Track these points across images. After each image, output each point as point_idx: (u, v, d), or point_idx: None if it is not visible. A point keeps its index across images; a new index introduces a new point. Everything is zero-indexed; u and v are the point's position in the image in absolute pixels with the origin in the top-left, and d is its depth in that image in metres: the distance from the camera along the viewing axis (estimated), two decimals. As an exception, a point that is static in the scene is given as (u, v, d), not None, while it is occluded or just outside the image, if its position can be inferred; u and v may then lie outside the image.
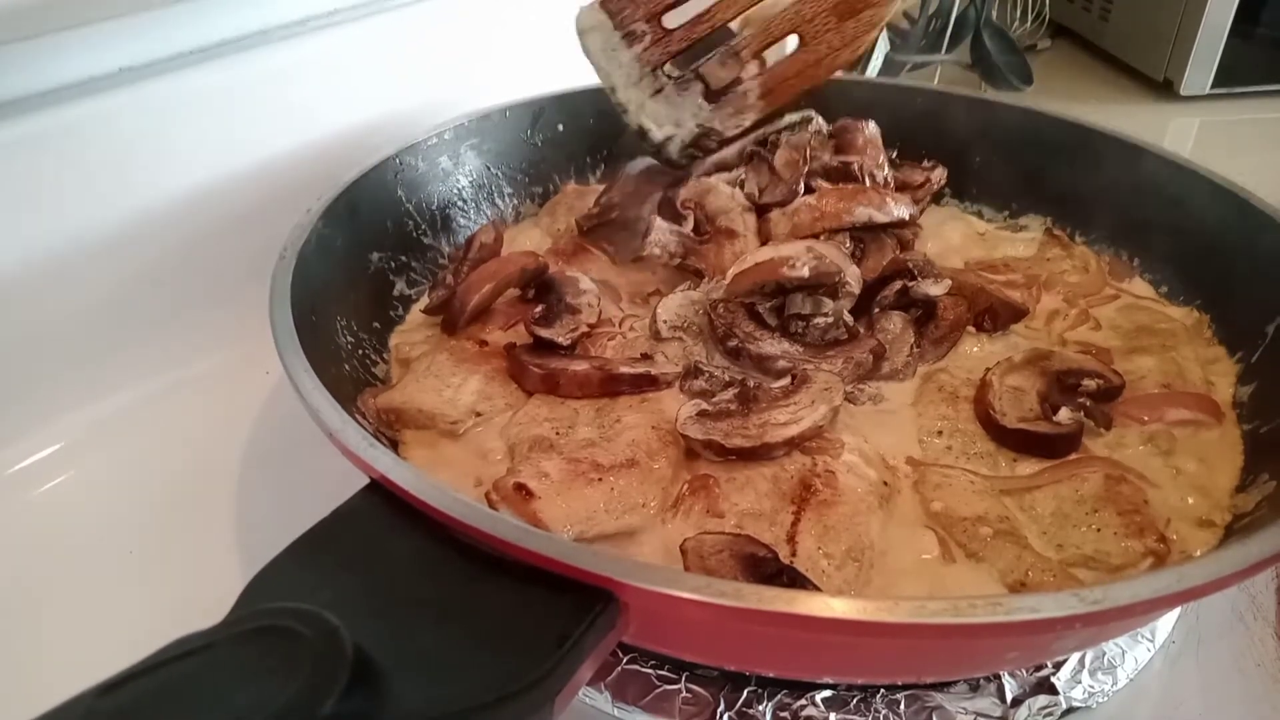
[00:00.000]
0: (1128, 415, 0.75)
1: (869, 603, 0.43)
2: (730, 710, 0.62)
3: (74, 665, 0.60)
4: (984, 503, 0.66)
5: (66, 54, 0.82)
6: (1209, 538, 0.66)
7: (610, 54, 0.90)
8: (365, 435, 0.55)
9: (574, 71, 0.93)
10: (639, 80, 0.90)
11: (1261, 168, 1.07)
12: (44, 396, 0.86)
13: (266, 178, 0.98)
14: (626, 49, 0.89)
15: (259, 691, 0.36)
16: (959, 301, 0.83)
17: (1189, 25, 1.67)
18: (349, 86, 1.05)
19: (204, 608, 0.46)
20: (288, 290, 0.68)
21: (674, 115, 0.90)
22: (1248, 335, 0.81)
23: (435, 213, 0.98)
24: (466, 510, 0.48)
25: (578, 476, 0.64)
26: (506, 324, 0.85)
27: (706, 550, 0.58)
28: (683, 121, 0.90)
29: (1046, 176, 1.04)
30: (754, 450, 0.67)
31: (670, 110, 0.90)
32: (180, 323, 0.95)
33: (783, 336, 0.77)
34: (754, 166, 0.94)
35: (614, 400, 0.75)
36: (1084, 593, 0.44)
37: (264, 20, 0.98)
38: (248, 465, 0.86)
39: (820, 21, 0.86)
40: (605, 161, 1.14)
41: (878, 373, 0.78)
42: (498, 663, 0.43)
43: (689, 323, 0.82)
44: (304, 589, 0.47)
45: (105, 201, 0.86)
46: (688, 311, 0.83)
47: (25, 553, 0.77)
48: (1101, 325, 0.88)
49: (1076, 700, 0.64)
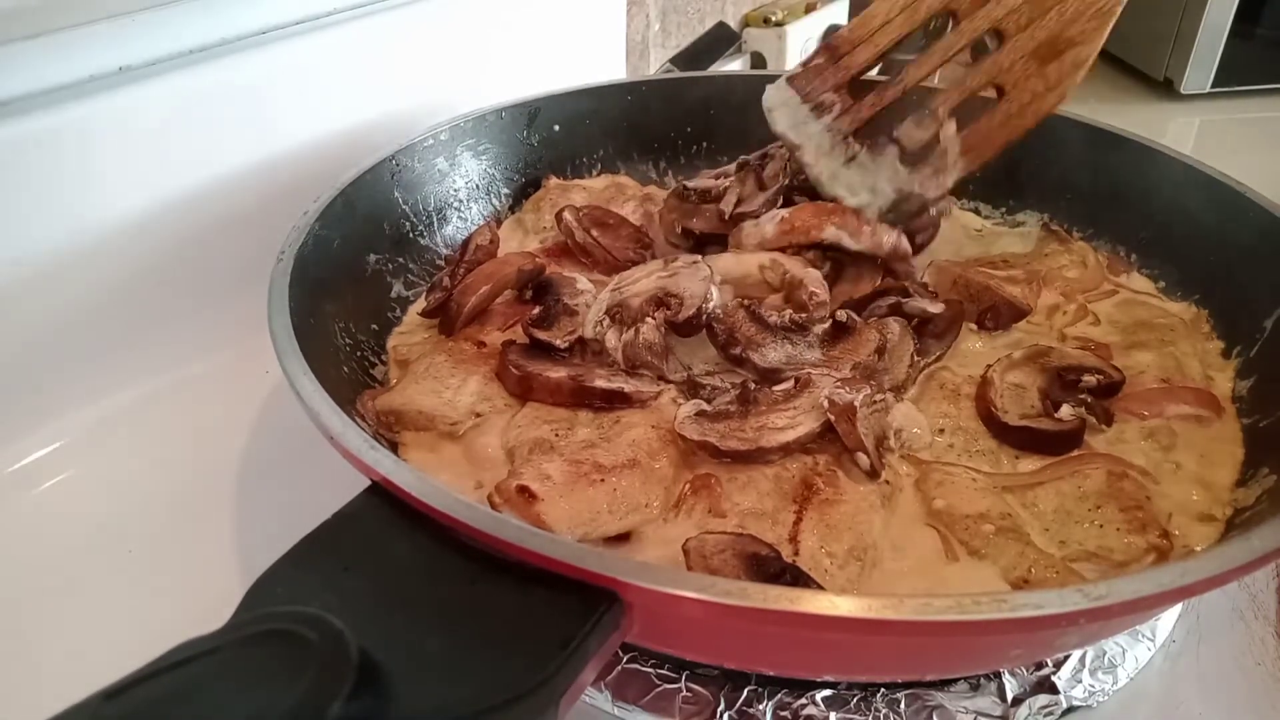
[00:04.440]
0: (1128, 411, 0.75)
1: (873, 600, 0.43)
2: (731, 709, 0.62)
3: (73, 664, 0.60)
4: (986, 500, 0.66)
5: (66, 54, 0.82)
6: (1210, 533, 0.66)
7: (799, 127, 0.88)
8: (366, 438, 0.54)
9: (570, 72, 0.93)
10: (830, 149, 0.88)
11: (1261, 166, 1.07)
12: (44, 396, 0.86)
13: (266, 177, 0.98)
14: (815, 120, 0.88)
15: (265, 696, 0.36)
16: (954, 303, 0.83)
17: (1189, 25, 1.68)
18: (347, 87, 1.05)
19: (203, 607, 0.46)
20: (285, 293, 0.68)
21: (869, 182, 0.87)
22: (1246, 330, 0.81)
23: (432, 214, 0.98)
24: (469, 512, 0.48)
25: (580, 478, 0.64)
26: (505, 325, 0.84)
27: (709, 550, 0.58)
28: (878, 188, 0.87)
29: (1044, 173, 1.04)
30: (748, 454, 0.67)
31: (865, 177, 0.87)
32: (180, 323, 0.95)
33: (785, 339, 0.76)
34: (741, 177, 0.93)
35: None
36: (1088, 589, 0.44)
37: (263, 20, 0.98)
38: (247, 464, 0.86)
39: (1020, 69, 0.83)
40: (601, 162, 1.14)
41: (880, 388, 0.75)
42: (502, 665, 0.43)
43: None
44: (307, 592, 0.47)
45: (105, 201, 0.86)
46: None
47: (25, 552, 0.77)
48: (1100, 320, 0.88)
49: (1077, 699, 0.64)
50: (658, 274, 0.80)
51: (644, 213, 1.03)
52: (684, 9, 1.75)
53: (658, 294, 0.77)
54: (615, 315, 0.77)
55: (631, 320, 0.76)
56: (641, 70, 1.65)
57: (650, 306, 0.77)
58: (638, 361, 0.75)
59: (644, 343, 0.74)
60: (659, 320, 0.76)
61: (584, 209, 0.96)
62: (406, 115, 1.09)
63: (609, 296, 0.79)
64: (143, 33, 0.87)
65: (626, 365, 0.75)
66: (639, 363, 0.75)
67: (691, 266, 0.79)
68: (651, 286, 0.78)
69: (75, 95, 0.82)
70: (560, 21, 1.30)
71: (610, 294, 0.79)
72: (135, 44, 0.87)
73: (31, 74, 0.80)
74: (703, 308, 0.75)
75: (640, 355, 0.74)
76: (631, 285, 0.80)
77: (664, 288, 0.78)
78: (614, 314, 0.77)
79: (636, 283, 0.80)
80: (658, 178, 1.16)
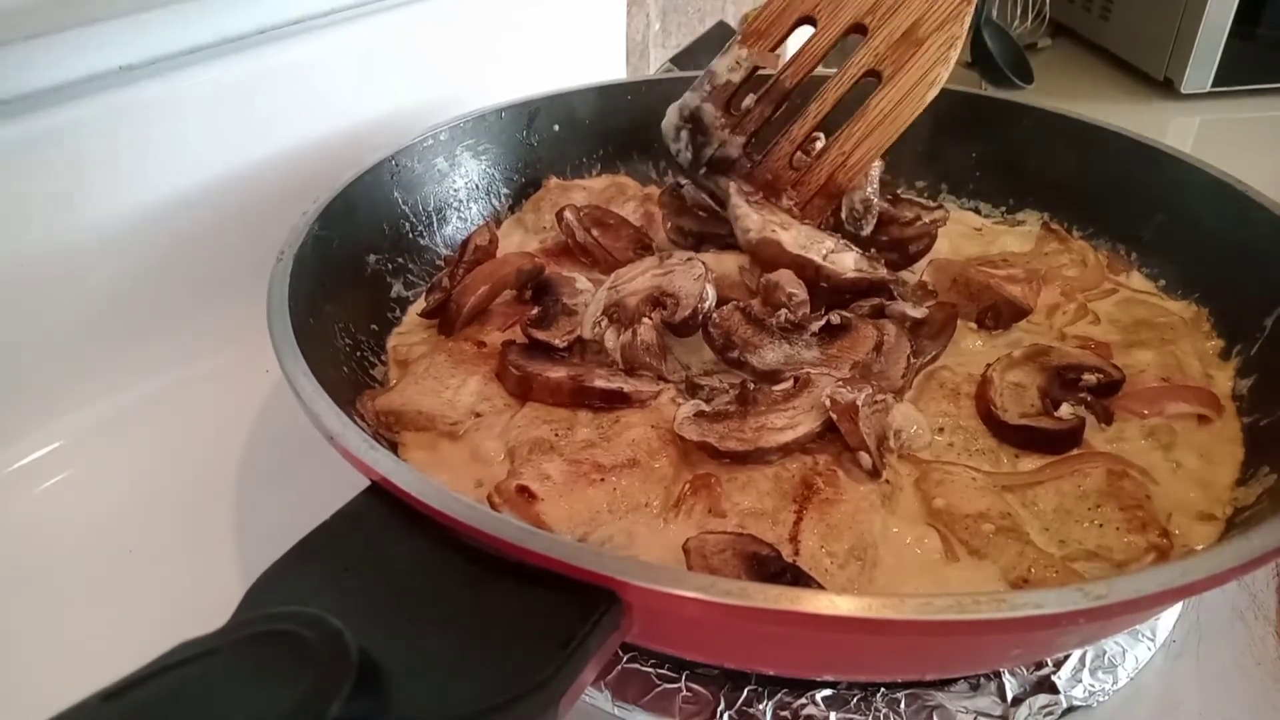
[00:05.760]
0: (1128, 409, 0.75)
1: (874, 600, 0.43)
2: (731, 709, 0.62)
3: (73, 664, 0.60)
4: (986, 499, 0.66)
5: (67, 54, 0.82)
6: (1210, 531, 0.66)
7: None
8: (366, 438, 0.54)
9: (570, 72, 0.93)
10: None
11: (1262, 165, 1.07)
12: (44, 395, 0.86)
13: (266, 177, 0.98)
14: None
15: (265, 696, 0.36)
16: (944, 305, 0.83)
17: (1189, 24, 1.68)
18: (347, 87, 1.05)
19: (203, 607, 0.46)
20: (285, 294, 0.68)
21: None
22: (1246, 328, 0.81)
23: (431, 214, 0.98)
24: (469, 512, 0.48)
25: (580, 477, 0.64)
26: (504, 325, 0.84)
27: (709, 550, 0.58)
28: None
29: (1044, 172, 1.05)
30: (747, 455, 0.67)
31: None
32: (180, 323, 0.95)
33: (783, 339, 0.75)
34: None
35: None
36: (1088, 588, 0.44)
37: (263, 20, 0.98)
38: (247, 464, 0.86)
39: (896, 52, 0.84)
40: (601, 162, 1.14)
41: (878, 389, 0.74)
42: (502, 665, 0.43)
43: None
44: (306, 592, 0.47)
45: (105, 201, 0.86)
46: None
47: (24, 551, 0.77)
48: (1100, 319, 0.88)
49: (1077, 699, 0.64)
50: (653, 272, 0.80)
51: (644, 213, 1.03)
52: (684, 9, 1.75)
53: (653, 293, 0.77)
54: (613, 315, 0.77)
55: (628, 321, 0.76)
56: (641, 70, 1.65)
57: (647, 307, 0.77)
58: (636, 363, 0.75)
59: (641, 344, 0.74)
60: (656, 321, 0.76)
61: (584, 209, 0.96)
62: (406, 115, 1.09)
63: (606, 295, 0.79)
64: (143, 33, 0.87)
65: (625, 367, 0.75)
66: (638, 364, 0.75)
67: (686, 264, 0.79)
68: (647, 285, 0.78)
69: (75, 95, 0.82)
70: (560, 21, 1.30)
71: (607, 293, 0.79)
72: (135, 44, 0.87)
73: (32, 74, 0.80)
74: (698, 308, 0.75)
75: (638, 357, 0.75)
76: (628, 284, 0.80)
77: (659, 286, 0.78)
78: (611, 314, 0.77)
79: (632, 281, 0.80)
80: (658, 178, 1.16)
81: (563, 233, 0.95)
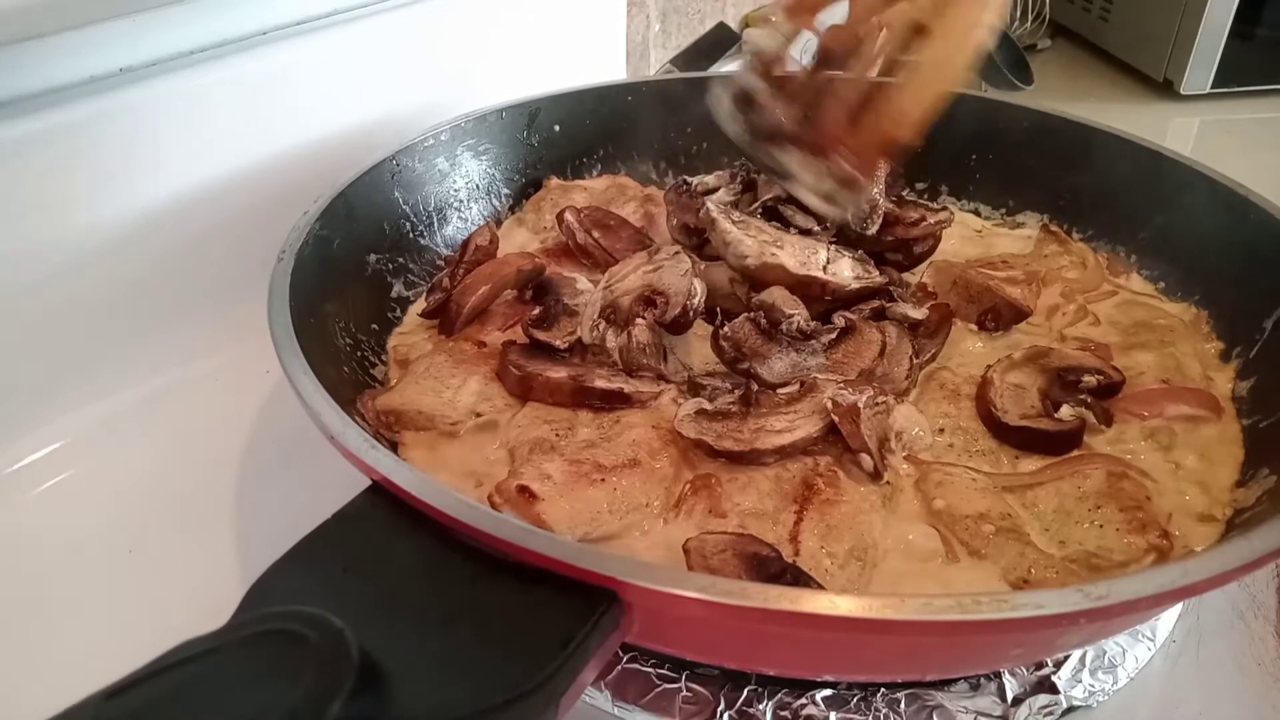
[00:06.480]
0: (1128, 411, 0.75)
1: (874, 600, 0.43)
2: (731, 709, 0.62)
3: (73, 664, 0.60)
4: (986, 500, 0.66)
5: (66, 54, 0.82)
6: (1210, 533, 0.66)
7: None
8: (366, 438, 0.54)
9: (571, 72, 0.93)
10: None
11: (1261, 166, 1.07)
12: (44, 396, 0.86)
13: (266, 177, 0.98)
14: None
15: (266, 695, 0.36)
16: (940, 306, 0.83)
17: (1189, 25, 1.68)
18: (348, 87, 1.05)
19: (203, 607, 0.46)
20: (286, 293, 0.68)
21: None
22: (1246, 330, 0.81)
23: (432, 214, 0.98)
24: (470, 512, 0.48)
25: (580, 477, 0.64)
26: (505, 325, 0.84)
27: (709, 550, 0.58)
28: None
29: (1044, 174, 1.05)
30: (743, 455, 0.67)
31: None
32: (180, 323, 0.95)
33: (791, 348, 0.75)
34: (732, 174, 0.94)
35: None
36: (1088, 588, 0.44)
37: (263, 21, 0.98)
38: (248, 464, 0.86)
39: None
40: (601, 162, 1.14)
41: (882, 391, 0.74)
42: (502, 665, 0.43)
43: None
44: (307, 592, 0.47)
45: (105, 201, 0.86)
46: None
47: (24, 551, 0.77)
48: (1100, 321, 0.88)
49: (1077, 699, 0.64)
50: (643, 268, 0.80)
51: (645, 213, 1.03)
52: (684, 9, 1.75)
53: (645, 291, 0.77)
54: (609, 316, 0.77)
55: (623, 322, 0.76)
56: (642, 71, 1.65)
57: (639, 306, 0.77)
58: (635, 365, 0.75)
59: (638, 345, 0.74)
60: (649, 320, 0.76)
61: (585, 210, 0.96)
62: (406, 115, 1.09)
63: (602, 296, 0.79)
64: (143, 33, 0.87)
65: (625, 368, 0.75)
66: (637, 366, 0.75)
67: (674, 259, 0.79)
68: (639, 283, 0.78)
69: (75, 96, 0.82)
70: (560, 22, 1.30)
71: (603, 293, 0.79)
72: (136, 45, 0.87)
73: (32, 74, 0.80)
74: (688, 305, 0.76)
75: (637, 359, 0.75)
76: (621, 282, 0.80)
77: (650, 284, 0.78)
78: (608, 315, 0.77)
79: (625, 279, 0.80)
80: (658, 178, 1.16)
81: (563, 234, 0.95)
